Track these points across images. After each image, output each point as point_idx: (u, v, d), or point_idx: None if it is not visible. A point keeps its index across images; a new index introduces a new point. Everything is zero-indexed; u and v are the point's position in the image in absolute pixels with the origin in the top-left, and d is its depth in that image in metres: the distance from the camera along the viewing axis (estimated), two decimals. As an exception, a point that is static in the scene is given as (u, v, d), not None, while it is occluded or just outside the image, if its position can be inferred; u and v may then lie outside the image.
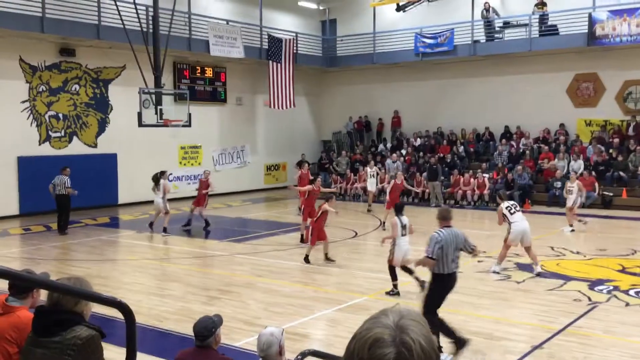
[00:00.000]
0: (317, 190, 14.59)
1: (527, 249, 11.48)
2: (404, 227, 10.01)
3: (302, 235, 14.72)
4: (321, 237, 12.50)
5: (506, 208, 11.55)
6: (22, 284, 3.89)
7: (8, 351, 3.76)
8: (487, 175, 21.83)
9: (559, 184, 20.33)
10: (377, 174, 21.32)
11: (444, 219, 7.59)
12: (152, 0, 18.25)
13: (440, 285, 7.45)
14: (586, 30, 21.59)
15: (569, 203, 16.44)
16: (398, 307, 1.40)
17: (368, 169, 21.22)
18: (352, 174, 24.92)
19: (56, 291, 3.09)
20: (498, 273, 11.42)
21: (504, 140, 23.81)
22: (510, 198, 20.33)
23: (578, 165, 21.29)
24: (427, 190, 22.77)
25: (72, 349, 2.99)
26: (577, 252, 13.39)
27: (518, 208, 11.84)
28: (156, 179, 16.50)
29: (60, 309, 3.10)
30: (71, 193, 16.33)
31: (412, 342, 1.31)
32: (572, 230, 16.16)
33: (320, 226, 12.49)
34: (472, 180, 21.87)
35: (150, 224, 16.70)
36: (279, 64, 25.13)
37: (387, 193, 16.93)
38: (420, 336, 1.33)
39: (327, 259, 12.60)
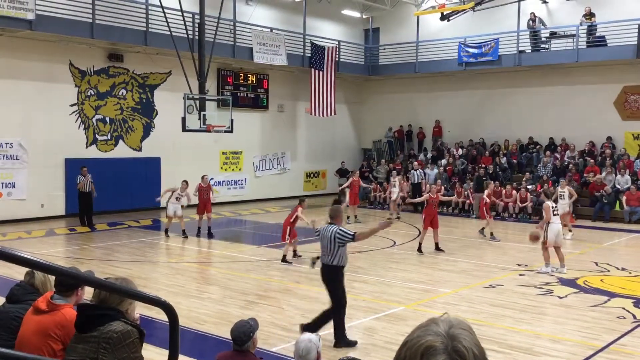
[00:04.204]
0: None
1: (558, 249, 12.37)
2: None
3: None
4: (433, 225, 14.68)
5: (552, 207, 12.55)
6: (67, 281, 3.98)
7: (53, 348, 3.83)
8: (530, 188, 21.45)
9: (605, 199, 19.93)
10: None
11: (330, 217, 8.30)
12: (199, 8, 18.64)
13: None
14: (636, 42, 21.06)
15: (564, 209, 16.25)
16: (447, 316, 1.40)
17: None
18: (388, 184, 24.78)
19: (102, 289, 3.16)
20: (549, 273, 12.19)
21: (548, 152, 23.36)
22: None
23: (625, 179, 20.74)
24: (467, 202, 22.49)
25: (108, 342, 3.04)
26: (622, 269, 13.04)
27: (558, 211, 13.05)
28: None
29: (104, 306, 3.17)
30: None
31: (465, 351, 1.30)
32: (570, 232, 16.43)
33: (433, 213, 14.76)
34: (514, 192, 21.51)
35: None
36: (321, 72, 25.26)
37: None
38: (473, 345, 1.33)
39: (438, 248, 14.67)
